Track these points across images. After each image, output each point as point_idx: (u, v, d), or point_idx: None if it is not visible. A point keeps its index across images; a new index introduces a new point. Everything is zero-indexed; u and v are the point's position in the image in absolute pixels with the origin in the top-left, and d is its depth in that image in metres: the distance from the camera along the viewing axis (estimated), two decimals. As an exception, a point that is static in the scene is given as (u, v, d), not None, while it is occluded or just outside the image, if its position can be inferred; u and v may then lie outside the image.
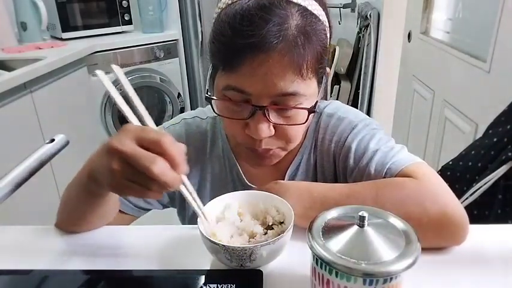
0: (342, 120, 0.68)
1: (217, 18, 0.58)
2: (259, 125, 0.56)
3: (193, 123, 0.74)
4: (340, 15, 2.82)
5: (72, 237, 0.63)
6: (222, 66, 0.56)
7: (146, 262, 0.57)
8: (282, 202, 0.56)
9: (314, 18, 0.56)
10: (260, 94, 0.55)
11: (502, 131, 0.95)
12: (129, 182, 0.43)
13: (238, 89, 0.55)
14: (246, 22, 0.52)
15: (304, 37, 0.54)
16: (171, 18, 2.60)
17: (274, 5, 0.53)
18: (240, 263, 0.50)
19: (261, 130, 0.56)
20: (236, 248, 0.48)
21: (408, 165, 0.60)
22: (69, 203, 0.61)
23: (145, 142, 0.42)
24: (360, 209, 0.43)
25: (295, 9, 0.54)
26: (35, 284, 0.54)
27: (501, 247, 0.57)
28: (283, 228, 0.54)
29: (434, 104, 1.75)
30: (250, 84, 0.54)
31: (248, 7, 0.53)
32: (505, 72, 1.22)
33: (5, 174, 0.56)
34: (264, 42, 0.52)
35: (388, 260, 0.39)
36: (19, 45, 2.13)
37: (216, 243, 0.49)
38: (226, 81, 0.56)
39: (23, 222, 0.66)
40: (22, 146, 1.52)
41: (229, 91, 0.56)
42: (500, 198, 0.90)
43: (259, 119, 0.56)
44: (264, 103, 0.55)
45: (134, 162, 0.41)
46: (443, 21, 1.76)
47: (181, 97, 2.64)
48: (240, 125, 0.58)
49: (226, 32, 0.54)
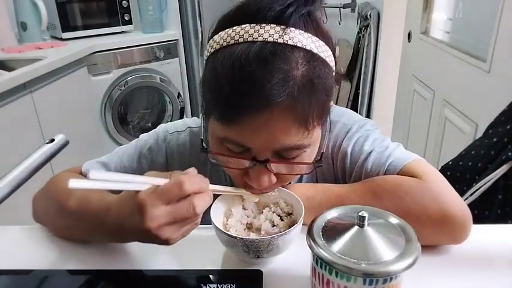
0: (335, 124, 0.67)
1: (212, 62, 0.51)
2: (260, 177, 0.52)
3: (199, 133, 0.70)
4: (340, 15, 2.82)
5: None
6: (218, 118, 0.50)
7: (146, 262, 0.57)
8: (289, 194, 0.58)
9: (321, 64, 0.50)
10: (262, 149, 0.50)
11: (502, 131, 0.95)
12: (182, 228, 0.46)
13: (237, 143, 0.51)
14: (246, 79, 0.46)
15: (310, 90, 0.48)
16: (171, 18, 2.60)
17: (277, 56, 0.47)
18: (257, 254, 0.51)
19: (263, 181, 0.53)
20: (254, 239, 0.50)
21: (407, 163, 0.59)
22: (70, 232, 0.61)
23: (172, 199, 0.44)
24: (360, 209, 0.43)
25: (300, 55, 0.48)
26: (35, 284, 0.54)
27: (501, 247, 0.57)
28: (293, 219, 0.56)
29: (434, 104, 1.75)
30: (251, 140, 0.50)
31: (248, 59, 0.46)
32: (505, 72, 1.22)
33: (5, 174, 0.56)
34: (267, 100, 0.46)
35: (388, 260, 0.39)
36: (19, 45, 2.13)
37: (233, 236, 0.50)
38: (223, 132, 0.51)
39: (23, 222, 0.66)
40: (22, 146, 1.52)
41: (228, 143, 0.52)
42: (500, 198, 0.90)
43: (260, 171, 0.52)
44: (266, 156, 0.51)
45: (179, 218, 0.44)
46: (443, 21, 1.76)
47: (181, 97, 2.64)
48: (240, 172, 0.55)
49: (224, 86, 0.48)
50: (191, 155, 0.70)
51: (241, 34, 0.48)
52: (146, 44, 2.42)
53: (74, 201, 0.57)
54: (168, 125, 0.74)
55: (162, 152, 0.70)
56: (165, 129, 0.72)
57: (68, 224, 0.60)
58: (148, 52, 2.44)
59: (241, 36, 0.48)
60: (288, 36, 0.48)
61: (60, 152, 0.59)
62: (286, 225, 0.56)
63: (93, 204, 0.53)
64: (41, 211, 0.65)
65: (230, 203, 0.59)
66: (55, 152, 0.58)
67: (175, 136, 0.71)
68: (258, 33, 0.48)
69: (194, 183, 0.45)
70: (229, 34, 0.50)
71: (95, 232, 0.56)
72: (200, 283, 0.51)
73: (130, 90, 2.42)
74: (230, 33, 0.50)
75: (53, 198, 0.62)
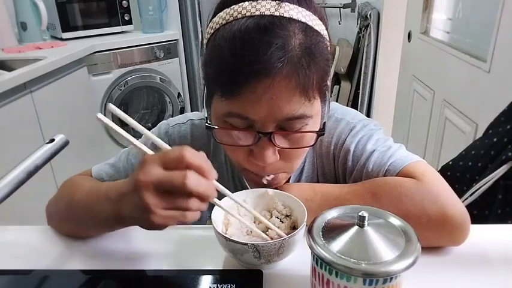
0: (340, 122, 0.67)
1: (212, 41, 0.54)
2: (264, 152, 0.53)
3: (200, 125, 0.72)
4: (340, 15, 2.82)
5: (72, 237, 0.62)
6: (221, 92, 0.52)
7: (146, 262, 0.57)
8: (286, 196, 0.57)
9: (316, 35, 0.53)
10: (265, 120, 0.51)
11: (502, 131, 0.95)
12: (167, 211, 0.42)
13: (241, 115, 0.52)
14: (247, 47, 0.48)
15: (309, 57, 0.51)
16: (171, 18, 2.60)
17: (275, 25, 0.49)
18: (268, 259, 0.49)
19: (267, 156, 0.53)
20: (266, 244, 0.47)
21: (407, 164, 0.59)
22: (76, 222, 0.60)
23: (169, 164, 0.42)
24: (360, 209, 0.43)
25: (296, 26, 0.51)
26: (35, 284, 0.54)
27: (501, 247, 0.57)
28: (293, 220, 0.56)
29: (434, 104, 1.75)
30: (254, 110, 0.51)
31: (247, 29, 0.49)
32: (505, 72, 1.22)
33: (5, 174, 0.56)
34: (268, 67, 0.48)
35: (388, 260, 0.39)
36: (19, 45, 2.13)
37: (244, 243, 0.48)
38: (227, 107, 0.52)
39: (23, 222, 0.66)
40: (22, 146, 1.52)
41: (231, 118, 0.53)
42: (500, 198, 0.90)
43: (264, 145, 0.53)
44: (270, 129, 0.52)
45: (167, 184, 0.41)
46: (443, 21, 1.76)
47: (181, 97, 2.64)
48: (244, 152, 0.56)
49: (226, 58, 0.50)
50: (192, 146, 0.71)
51: (239, 11, 0.52)
52: (146, 44, 2.42)
53: (82, 193, 0.58)
54: (170, 119, 0.75)
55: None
56: (166, 123, 0.74)
57: (77, 215, 0.59)
58: (148, 52, 2.44)
59: (239, 12, 0.51)
60: (283, 9, 0.51)
61: (60, 152, 0.59)
62: (287, 227, 0.55)
63: (102, 188, 0.53)
64: (52, 212, 0.65)
65: (226, 212, 0.57)
66: (55, 152, 0.58)
67: (176, 128, 0.72)
68: (256, 8, 0.51)
69: (195, 158, 0.43)
70: (228, 13, 0.52)
71: (99, 209, 0.51)
72: (200, 283, 0.51)
73: (130, 90, 2.41)
74: (229, 12, 0.52)
75: (62, 196, 0.64)
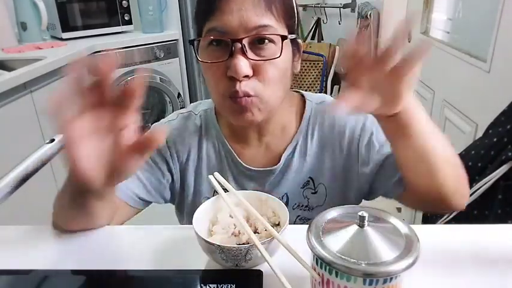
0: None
1: None
2: (238, 62, 0.61)
3: (189, 117, 0.80)
4: (340, 15, 2.82)
5: (72, 237, 0.63)
6: (203, 15, 0.64)
7: (146, 262, 0.57)
8: (279, 204, 0.57)
9: None
10: (237, 29, 0.61)
11: (502, 131, 0.95)
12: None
13: (217, 28, 0.62)
14: None
15: None
16: (171, 18, 2.60)
17: None
18: (235, 262, 0.50)
19: (240, 66, 0.61)
20: (232, 248, 0.49)
21: None
22: (62, 209, 0.62)
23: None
24: (360, 209, 0.43)
25: None
26: (35, 284, 0.54)
27: (501, 247, 0.57)
28: (278, 230, 0.54)
29: (434, 104, 1.75)
30: (227, 21, 0.61)
31: None
32: (505, 72, 1.22)
33: (5, 174, 0.56)
34: None
35: (388, 260, 0.39)
36: (19, 45, 2.13)
37: (211, 243, 0.49)
38: (208, 26, 0.63)
39: (23, 222, 0.66)
40: (22, 146, 1.52)
41: (211, 32, 0.63)
42: (500, 198, 0.90)
43: (237, 57, 0.61)
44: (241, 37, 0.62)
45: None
46: (443, 21, 1.76)
47: (181, 97, 2.64)
48: (221, 71, 0.63)
49: None
50: (184, 137, 0.77)
51: None
52: (146, 44, 2.42)
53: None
54: (162, 120, 0.81)
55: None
56: (158, 123, 0.81)
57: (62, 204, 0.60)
58: (148, 52, 2.44)
59: None
60: None
61: (60, 152, 0.59)
62: (269, 234, 0.53)
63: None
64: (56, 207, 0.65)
65: (217, 209, 0.58)
66: (55, 152, 0.59)
67: (167, 124, 0.78)
68: None
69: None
70: None
71: (65, 188, 0.55)
72: (200, 283, 0.51)
73: (130, 90, 2.41)
74: None
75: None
